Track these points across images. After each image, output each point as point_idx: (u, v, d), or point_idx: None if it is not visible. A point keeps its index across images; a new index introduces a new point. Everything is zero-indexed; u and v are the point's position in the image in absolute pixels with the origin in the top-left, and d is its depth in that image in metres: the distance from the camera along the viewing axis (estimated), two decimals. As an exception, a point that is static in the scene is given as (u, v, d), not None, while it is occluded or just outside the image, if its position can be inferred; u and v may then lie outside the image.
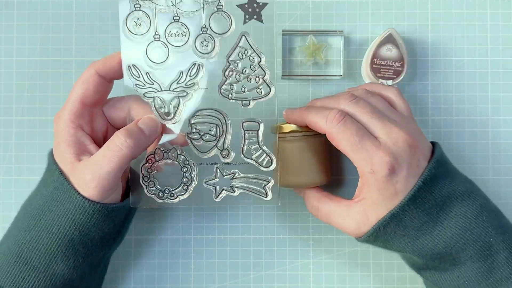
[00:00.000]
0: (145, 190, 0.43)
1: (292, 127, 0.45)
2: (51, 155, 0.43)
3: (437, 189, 0.41)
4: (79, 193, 0.40)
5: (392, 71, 0.49)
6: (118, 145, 0.39)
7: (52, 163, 0.42)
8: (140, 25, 0.43)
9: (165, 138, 0.44)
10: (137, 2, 0.42)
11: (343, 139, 0.41)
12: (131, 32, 0.43)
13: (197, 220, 0.52)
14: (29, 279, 0.40)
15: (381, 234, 0.41)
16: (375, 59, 0.49)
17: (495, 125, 0.52)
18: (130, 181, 0.45)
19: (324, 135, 0.46)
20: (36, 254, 0.40)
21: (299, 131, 0.45)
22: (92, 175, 0.39)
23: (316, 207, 0.45)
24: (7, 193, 0.52)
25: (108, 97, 0.45)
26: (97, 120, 0.44)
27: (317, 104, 0.45)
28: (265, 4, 0.43)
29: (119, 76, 0.43)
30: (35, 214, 0.41)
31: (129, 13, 0.42)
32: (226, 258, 0.52)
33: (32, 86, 0.52)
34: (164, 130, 0.43)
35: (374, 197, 0.41)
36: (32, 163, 0.52)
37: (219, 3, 0.43)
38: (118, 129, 0.44)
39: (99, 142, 0.44)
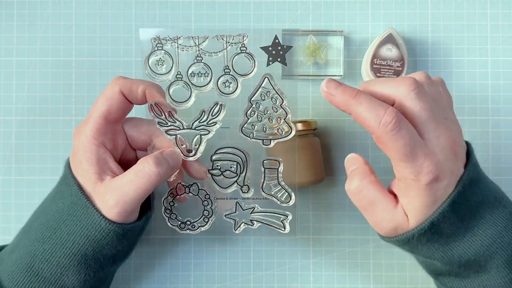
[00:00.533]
0: (168, 222, 0.45)
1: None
2: (68, 166, 0.42)
3: (473, 194, 0.39)
4: (97, 211, 0.40)
5: (392, 71, 0.49)
6: (147, 172, 0.39)
7: (70, 176, 0.41)
8: (163, 65, 0.43)
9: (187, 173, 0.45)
10: (159, 42, 0.43)
11: (393, 147, 0.37)
12: (153, 71, 0.43)
13: (197, 220, 0.52)
14: None
15: (413, 240, 0.39)
16: (375, 59, 0.49)
17: (495, 125, 0.51)
18: (153, 212, 0.46)
19: (316, 137, 0.47)
20: (48, 266, 0.40)
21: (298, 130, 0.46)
22: (117, 201, 0.39)
23: (360, 189, 0.40)
24: (7, 193, 0.52)
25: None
26: (118, 137, 0.43)
27: (371, 89, 0.39)
28: (289, 47, 0.43)
29: (140, 103, 0.43)
30: (49, 226, 0.41)
31: (151, 52, 0.43)
32: (226, 258, 0.52)
33: (32, 86, 0.52)
34: (184, 164, 0.44)
35: (414, 203, 0.38)
36: (32, 163, 0.52)
37: (243, 45, 0.43)
38: (135, 149, 0.45)
39: (117, 158, 0.44)
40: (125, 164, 0.43)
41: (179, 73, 0.43)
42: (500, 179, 0.51)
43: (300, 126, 0.47)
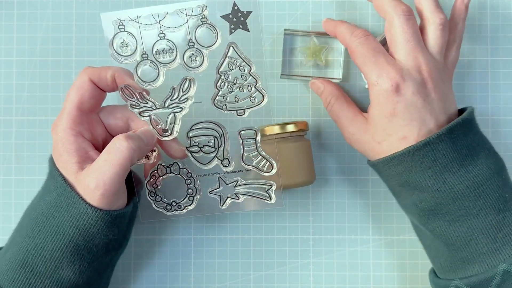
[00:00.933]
0: (153, 205, 0.45)
1: (273, 129, 0.46)
2: (52, 161, 0.42)
3: (471, 133, 0.42)
4: (82, 199, 0.40)
5: (392, 71, 0.49)
6: (119, 147, 0.39)
7: (54, 169, 0.42)
8: (127, 46, 0.43)
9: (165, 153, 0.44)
10: (120, 24, 0.42)
11: (359, 53, 0.43)
12: (119, 54, 0.43)
13: (197, 220, 0.52)
14: (36, 285, 0.40)
15: (407, 160, 0.41)
16: (375, 59, 0.49)
17: (495, 125, 0.51)
18: (137, 196, 0.45)
19: (307, 139, 0.47)
20: (41, 260, 0.40)
21: (280, 133, 0.46)
22: (97, 182, 0.39)
23: (332, 104, 0.47)
24: (7, 193, 0.52)
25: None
26: (96, 126, 0.43)
27: None
28: (249, 13, 0.43)
29: (111, 90, 0.43)
30: (38, 220, 0.41)
31: (114, 35, 0.43)
32: (226, 258, 0.52)
33: (32, 86, 0.52)
34: (161, 145, 0.44)
35: (374, 112, 0.43)
36: (32, 163, 0.52)
37: (203, 16, 0.42)
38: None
39: (99, 148, 0.44)
40: None
41: (144, 52, 0.43)
42: (500, 179, 0.51)
43: (291, 128, 0.47)
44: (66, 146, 0.41)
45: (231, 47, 0.43)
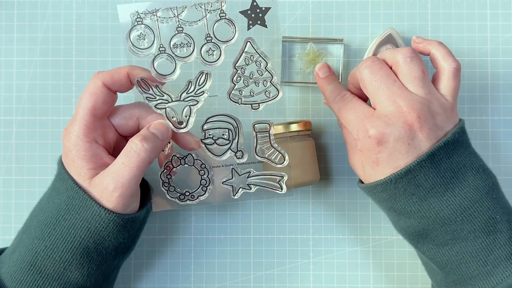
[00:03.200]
0: (167, 195, 0.45)
1: (278, 128, 0.46)
2: (61, 163, 0.42)
3: (456, 154, 0.40)
4: (95, 202, 0.40)
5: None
6: (136, 150, 0.40)
7: (64, 172, 0.41)
8: (144, 39, 0.43)
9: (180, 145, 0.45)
10: (138, 16, 0.42)
11: (339, 115, 0.44)
12: (135, 47, 0.43)
13: (197, 220, 0.52)
14: (43, 287, 0.40)
15: (391, 186, 0.41)
16: (375, 59, 0.49)
17: (495, 125, 0.52)
18: (151, 187, 0.46)
19: (311, 138, 0.47)
20: (50, 262, 0.40)
21: (286, 132, 0.46)
22: (115, 184, 0.39)
23: (339, 107, 0.45)
24: (7, 193, 0.52)
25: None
26: (108, 131, 0.43)
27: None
28: (268, 9, 0.43)
29: (126, 89, 0.43)
30: (48, 222, 0.41)
31: (132, 28, 0.42)
32: (226, 258, 0.52)
33: (32, 86, 0.52)
34: (175, 137, 0.44)
35: (363, 161, 0.42)
36: (32, 163, 0.52)
37: (222, 11, 0.43)
38: (126, 137, 0.44)
39: (111, 152, 0.44)
40: None
41: (161, 45, 0.43)
42: (500, 179, 0.51)
43: (295, 127, 0.47)
44: (81, 153, 0.40)
45: (248, 43, 0.43)
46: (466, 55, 0.52)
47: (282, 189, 0.45)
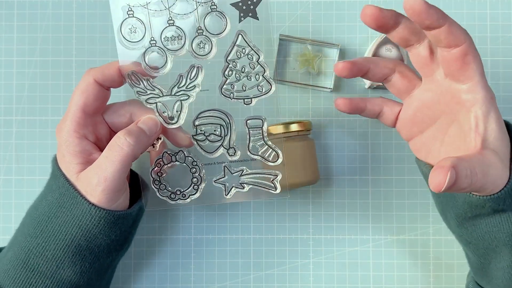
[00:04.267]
0: (157, 193, 0.44)
1: (278, 128, 0.46)
2: (54, 161, 0.43)
3: None
4: (85, 199, 0.40)
5: (392, 71, 0.49)
6: (119, 144, 0.39)
7: (57, 169, 0.42)
8: (135, 32, 0.42)
9: (171, 142, 0.44)
10: (129, 9, 0.42)
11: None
12: (127, 40, 0.42)
13: (197, 220, 0.52)
14: (37, 285, 0.40)
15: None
16: (375, 59, 0.49)
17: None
18: (141, 185, 0.45)
19: (311, 138, 0.47)
20: (43, 260, 0.40)
21: (285, 132, 0.46)
22: (98, 179, 0.39)
23: (470, 173, 0.35)
24: (7, 193, 0.52)
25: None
26: (100, 127, 0.43)
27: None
28: (259, 1, 0.43)
29: (118, 84, 0.43)
30: (41, 220, 0.41)
31: (123, 21, 0.42)
32: (226, 258, 0.52)
33: (32, 86, 0.52)
34: (166, 133, 0.44)
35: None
36: (32, 163, 0.52)
37: (213, 3, 0.42)
38: None
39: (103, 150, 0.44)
40: None
41: (152, 38, 0.43)
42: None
43: (295, 127, 0.47)
44: (70, 148, 0.41)
45: (239, 35, 0.43)
46: (466, 55, 0.52)
47: (276, 188, 0.44)
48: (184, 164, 0.44)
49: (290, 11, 0.52)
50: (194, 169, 0.44)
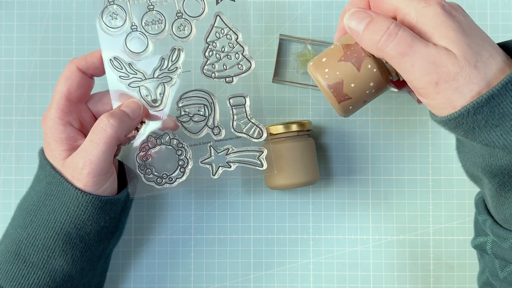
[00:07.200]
0: (143, 179, 0.44)
1: (278, 128, 0.46)
2: (41, 152, 0.43)
3: None
4: (71, 184, 0.40)
5: (392, 71, 0.49)
6: (102, 126, 0.40)
7: (43, 159, 0.42)
8: (116, 19, 0.43)
9: (156, 125, 0.44)
10: None
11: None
12: (108, 27, 0.43)
13: (197, 220, 0.52)
14: (29, 276, 0.40)
15: (468, 119, 0.33)
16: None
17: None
18: (126, 172, 0.45)
19: (311, 138, 0.47)
20: (34, 250, 0.40)
21: (285, 132, 0.46)
22: (83, 162, 0.40)
23: (396, 32, 0.33)
24: (7, 193, 0.52)
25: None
26: (85, 116, 0.44)
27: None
28: None
29: (100, 72, 0.43)
30: (30, 210, 0.41)
31: (104, 8, 0.43)
32: (226, 258, 0.52)
33: (32, 86, 0.52)
34: (150, 117, 0.44)
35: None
36: (32, 163, 0.52)
37: None
38: None
39: None
40: None
41: (133, 24, 0.43)
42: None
43: (295, 127, 0.47)
44: (55, 135, 0.41)
45: (217, 17, 0.44)
46: (466, 55, 0.52)
47: (262, 165, 0.45)
48: (170, 146, 0.44)
49: (290, 11, 0.52)
50: (180, 151, 0.44)
